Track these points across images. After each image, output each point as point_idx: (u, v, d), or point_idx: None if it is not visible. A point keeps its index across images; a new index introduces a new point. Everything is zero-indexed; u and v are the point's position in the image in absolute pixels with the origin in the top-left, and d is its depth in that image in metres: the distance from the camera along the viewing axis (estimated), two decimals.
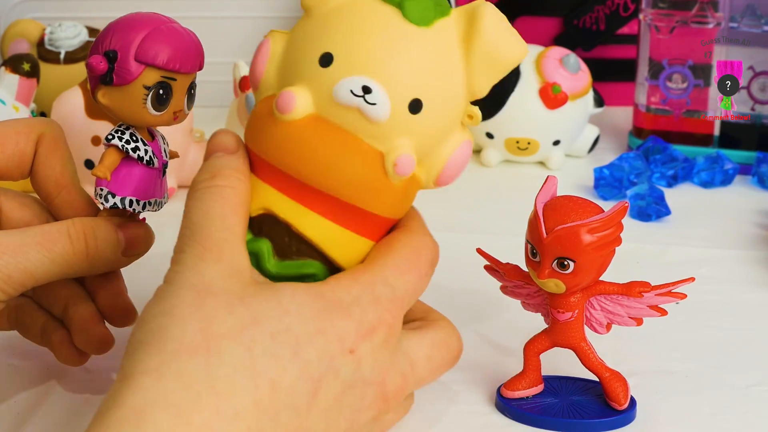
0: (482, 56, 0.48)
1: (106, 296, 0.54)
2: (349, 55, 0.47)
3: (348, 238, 0.48)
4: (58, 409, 0.54)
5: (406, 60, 0.47)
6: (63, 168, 0.54)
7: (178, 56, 0.49)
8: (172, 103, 0.51)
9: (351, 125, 0.47)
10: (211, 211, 0.46)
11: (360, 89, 0.46)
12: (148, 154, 0.52)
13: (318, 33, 0.48)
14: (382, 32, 0.47)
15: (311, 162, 0.47)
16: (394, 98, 0.47)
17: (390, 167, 0.47)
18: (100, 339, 0.53)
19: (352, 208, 0.48)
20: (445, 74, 0.48)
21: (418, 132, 0.48)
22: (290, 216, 0.47)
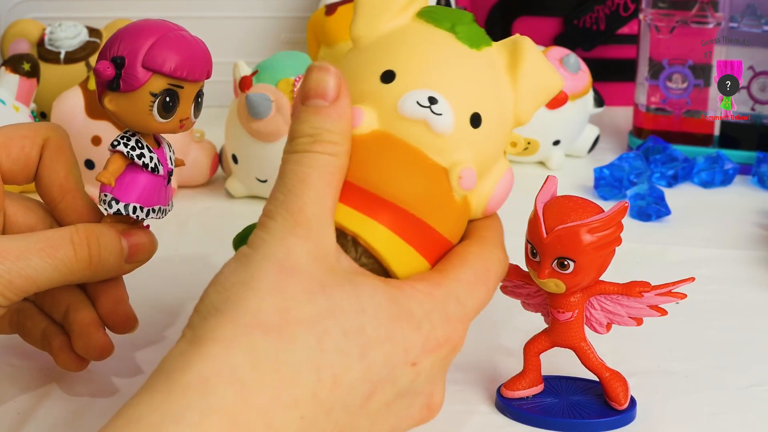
0: (526, 84, 0.49)
1: (107, 303, 0.54)
2: (411, 70, 0.48)
3: (410, 255, 0.47)
4: (58, 410, 0.54)
5: (465, 75, 0.48)
6: (68, 173, 0.54)
7: (185, 64, 0.49)
8: (179, 110, 0.50)
9: (416, 139, 0.47)
10: (307, 179, 0.44)
11: (426, 100, 0.47)
12: (153, 161, 0.52)
13: (374, 55, 0.49)
14: (440, 50, 0.48)
15: (379, 173, 0.47)
16: (457, 110, 0.47)
17: (455, 180, 0.47)
18: (100, 346, 0.53)
19: (417, 221, 0.47)
20: (498, 93, 0.49)
21: (478, 148, 0.48)
22: (358, 228, 0.46)
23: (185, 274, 0.71)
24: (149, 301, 0.65)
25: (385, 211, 0.46)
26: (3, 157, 0.53)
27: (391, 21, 0.49)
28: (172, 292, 0.68)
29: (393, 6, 0.49)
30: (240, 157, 0.81)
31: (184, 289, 0.68)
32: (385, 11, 0.49)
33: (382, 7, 0.50)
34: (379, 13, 0.49)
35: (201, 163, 0.84)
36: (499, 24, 1.06)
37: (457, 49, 0.49)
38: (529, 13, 1.05)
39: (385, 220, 0.46)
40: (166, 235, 0.76)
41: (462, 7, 1.03)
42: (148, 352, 0.60)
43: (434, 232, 0.47)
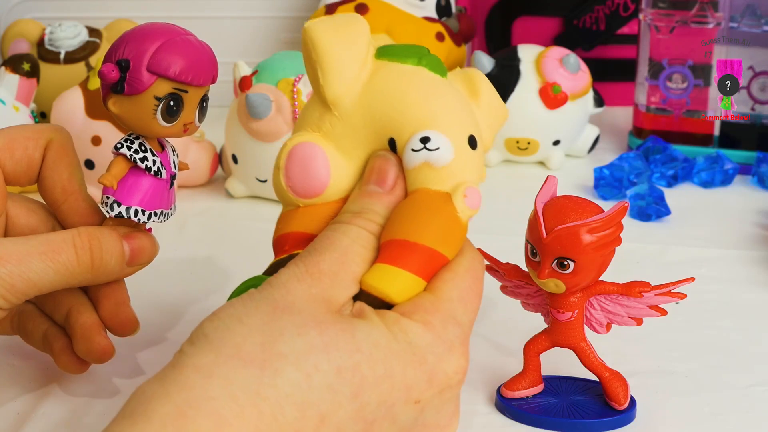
0: (485, 113, 0.50)
1: (108, 306, 0.54)
2: (401, 128, 0.47)
3: (409, 281, 0.46)
4: (58, 410, 0.54)
5: (447, 103, 0.48)
6: (71, 175, 0.54)
7: (190, 68, 0.49)
8: (183, 115, 0.50)
9: (425, 182, 0.47)
10: (336, 243, 0.45)
11: (418, 143, 0.47)
12: (156, 165, 0.51)
13: (371, 126, 0.48)
14: (415, 90, 0.48)
15: (396, 224, 0.46)
16: (453, 138, 0.47)
17: (460, 201, 0.47)
18: (101, 349, 0.53)
19: (421, 248, 0.46)
20: (474, 115, 0.49)
21: (477, 168, 0.48)
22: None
23: (185, 274, 0.71)
24: (149, 301, 0.65)
25: (386, 249, 0.46)
26: (6, 159, 0.53)
27: (360, 72, 0.48)
28: (172, 292, 0.68)
29: (360, 53, 0.48)
30: (240, 157, 0.81)
31: (183, 290, 0.68)
32: (355, 62, 0.48)
33: (348, 60, 0.48)
34: (347, 67, 0.48)
35: (201, 163, 0.84)
36: (499, 24, 1.06)
37: (431, 80, 0.48)
38: (529, 13, 1.05)
39: (384, 258, 0.46)
40: (166, 235, 0.76)
41: (462, 7, 1.03)
42: (148, 352, 0.60)
43: (436, 254, 0.46)
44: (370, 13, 0.93)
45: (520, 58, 0.90)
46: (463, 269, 0.47)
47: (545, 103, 0.88)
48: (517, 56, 0.90)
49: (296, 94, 0.77)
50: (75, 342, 0.53)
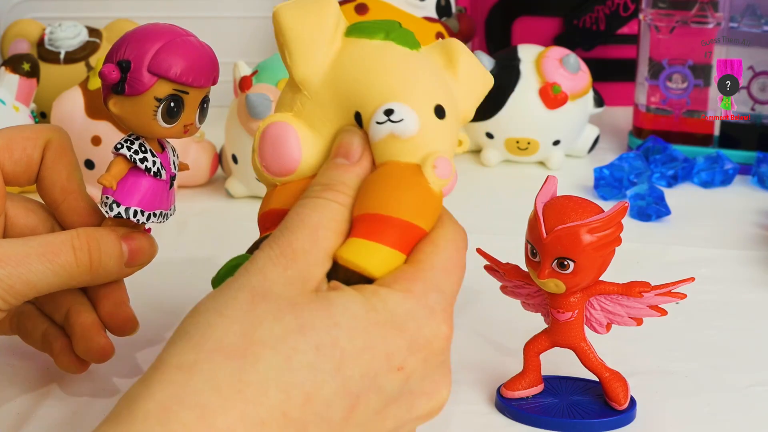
0: (465, 82, 0.49)
1: (107, 305, 0.54)
2: (366, 101, 0.47)
3: (387, 254, 0.46)
4: (58, 410, 0.54)
5: (413, 74, 0.48)
6: (69, 174, 0.54)
7: (191, 70, 0.49)
8: (183, 116, 0.50)
9: (392, 154, 0.47)
10: (306, 219, 0.45)
11: (383, 115, 0.47)
12: (156, 166, 0.51)
13: (337, 101, 0.48)
14: (384, 61, 0.48)
15: (368, 197, 0.46)
16: (419, 108, 0.47)
17: (429, 171, 0.46)
18: (101, 348, 0.53)
19: (397, 222, 0.46)
20: (446, 84, 0.49)
21: (447, 138, 0.48)
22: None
23: (185, 274, 0.71)
24: (149, 302, 0.65)
25: (360, 223, 0.46)
26: (5, 159, 0.53)
27: (327, 51, 0.48)
28: (172, 292, 0.68)
29: (326, 33, 0.49)
30: (240, 157, 0.81)
31: (183, 290, 0.68)
32: (321, 42, 0.48)
33: (313, 40, 0.48)
34: (313, 47, 0.48)
35: (201, 163, 0.84)
36: (499, 24, 1.06)
37: (398, 52, 0.48)
38: (529, 13, 1.05)
39: (359, 232, 0.46)
40: (166, 235, 0.76)
41: (462, 7, 1.03)
42: (148, 353, 0.60)
43: (411, 226, 0.46)
44: (370, 13, 0.93)
45: (520, 58, 0.90)
46: (444, 240, 0.46)
47: (545, 103, 0.88)
48: (517, 56, 0.90)
49: None
50: (74, 342, 0.53)
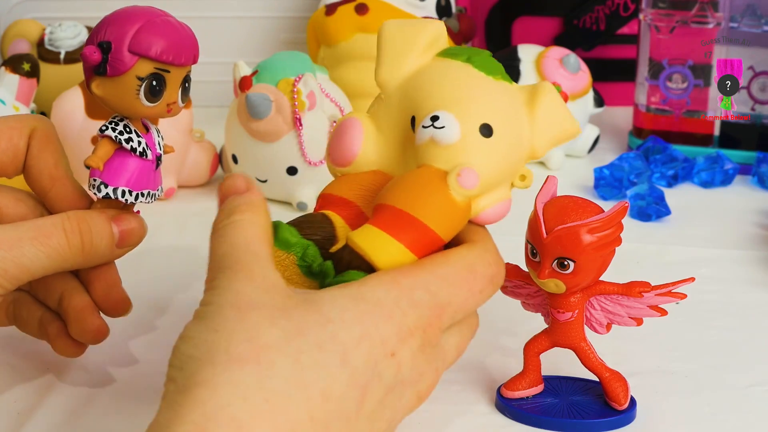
0: (542, 118, 0.51)
1: (100, 287, 0.54)
2: (422, 106, 0.50)
3: (395, 248, 0.47)
4: (57, 410, 0.54)
5: (474, 90, 0.50)
6: (56, 161, 0.54)
7: (171, 48, 0.50)
8: (166, 95, 0.51)
9: (429, 158, 0.49)
10: (234, 241, 0.45)
11: (429, 120, 0.49)
12: (141, 146, 0.52)
13: (400, 104, 0.51)
14: (449, 79, 0.50)
15: (393, 190, 0.48)
16: (464, 121, 0.49)
17: (453, 179, 0.48)
18: (95, 329, 0.54)
19: (408, 217, 0.47)
20: (513, 115, 0.50)
21: (489, 157, 0.49)
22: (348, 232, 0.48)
23: (185, 275, 0.71)
24: (149, 301, 0.65)
25: (379, 213, 0.47)
26: None
27: (412, 63, 0.51)
28: (172, 292, 0.68)
29: (415, 48, 0.51)
30: (240, 157, 0.81)
31: (183, 289, 0.68)
32: (408, 54, 0.51)
33: (404, 50, 0.51)
34: (401, 56, 0.51)
35: (201, 163, 0.84)
36: (499, 24, 1.06)
37: (470, 73, 0.50)
38: (529, 13, 1.05)
39: (376, 221, 0.47)
40: (166, 234, 0.76)
41: (462, 7, 1.03)
42: (150, 353, 0.60)
43: (426, 228, 0.47)
44: (370, 13, 0.93)
45: (520, 58, 0.90)
46: (457, 256, 0.47)
47: None
48: (517, 56, 0.90)
49: (296, 94, 0.77)
50: (69, 324, 0.54)
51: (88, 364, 0.58)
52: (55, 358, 0.57)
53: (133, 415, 0.54)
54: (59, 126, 0.79)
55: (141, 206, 0.54)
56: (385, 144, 0.51)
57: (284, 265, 0.49)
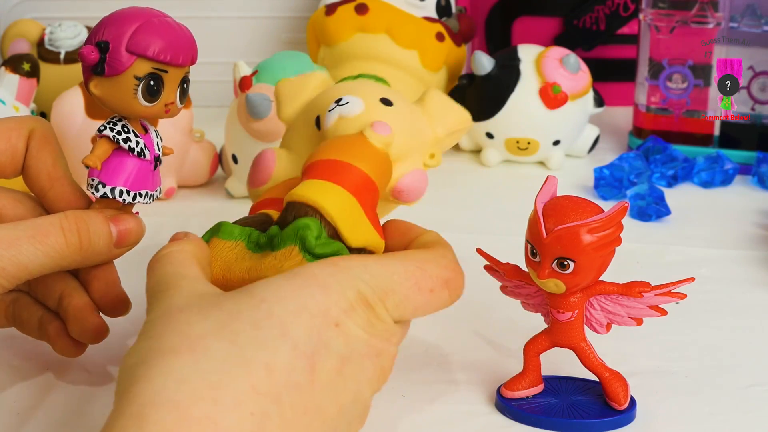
0: (431, 111, 0.58)
1: (99, 287, 0.55)
2: (325, 104, 0.56)
3: (335, 190, 0.51)
4: (57, 410, 0.54)
5: (368, 85, 0.57)
6: (55, 161, 0.54)
7: (169, 48, 0.50)
8: (164, 95, 0.51)
9: (341, 133, 0.54)
10: (163, 271, 0.48)
11: (333, 104, 0.55)
12: (139, 146, 0.52)
13: (302, 121, 0.58)
14: (344, 84, 0.58)
15: (316, 152, 0.54)
16: (366, 97, 0.55)
17: (369, 131, 0.53)
18: (95, 328, 0.54)
19: (339, 163, 0.52)
20: (406, 103, 0.57)
21: (394, 119, 0.55)
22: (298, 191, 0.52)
23: None
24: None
25: (308, 170, 0.52)
26: None
27: (306, 97, 0.59)
28: None
29: (306, 89, 0.59)
30: (240, 157, 0.81)
31: None
32: (299, 94, 0.59)
33: (295, 92, 0.59)
34: (294, 96, 0.59)
35: (201, 163, 0.84)
36: (499, 24, 1.06)
37: (363, 80, 0.59)
38: (529, 13, 1.05)
39: (310, 174, 0.52)
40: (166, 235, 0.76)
41: (462, 7, 1.03)
42: None
43: (356, 169, 0.52)
44: (370, 13, 0.93)
45: (520, 58, 0.90)
46: (407, 254, 0.49)
47: (545, 103, 0.88)
48: (517, 56, 0.90)
49: None
50: (69, 324, 0.54)
51: (87, 363, 0.58)
52: (55, 358, 0.57)
53: None
54: (59, 126, 0.79)
55: (140, 206, 0.54)
56: (297, 157, 0.57)
57: (234, 252, 0.52)
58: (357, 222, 0.51)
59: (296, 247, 0.50)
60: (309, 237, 0.50)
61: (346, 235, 0.51)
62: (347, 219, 0.51)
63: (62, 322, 0.55)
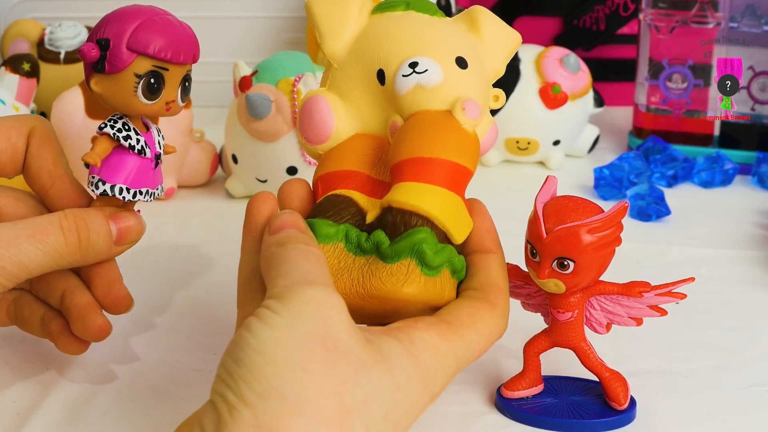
0: (490, 39, 0.54)
1: (101, 285, 0.54)
2: (389, 58, 0.52)
3: (437, 193, 0.49)
4: (57, 410, 0.54)
5: (434, 33, 0.52)
6: (55, 159, 0.54)
7: (170, 46, 0.50)
8: (165, 93, 0.51)
9: (422, 105, 0.51)
10: (300, 267, 0.45)
11: (408, 68, 0.51)
12: (140, 144, 0.52)
13: (359, 65, 0.53)
14: (404, 25, 0.52)
15: (404, 145, 0.50)
16: (441, 60, 0.51)
17: (459, 113, 0.50)
18: (98, 327, 0.54)
19: (439, 161, 0.49)
20: (469, 42, 0.53)
21: (473, 86, 0.51)
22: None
23: (185, 274, 0.71)
24: (149, 300, 0.65)
25: (404, 168, 0.49)
26: None
27: (353, 27, 0.53)
28: (172, 290, 0.68)
29: (350, 15, 0.53)
30: (240, 157, 0.81)
31: (183, 288, 0.68)
32: (345, 22, 0.53)
33: (339, 19, 0.53)
34: (339, 25, 0.53)
35: (201, 163, 0.84)
36: None
37: (418, 18, 0.53)
38: (529, 13, 1.05)
39: (406, 176, 0.49)
40: (166, 235, 0.76)
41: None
42: (151, 357, 0.60)
43: (455, 165, 0.49)
44: None
45: (520, 58, 0.90)
46: (484, 324, 0.49)
47: (545, 103, 0.88)
48: (517, 56, 0.90)
49: (296, 94, 0.77)
50: (72, 323, 0.54)
51: (88, 362, 0.58)
52: (56, 357, 0.57)
53: (134, 414, 0.54)
54: (59, 126, 0.79)
55: (141, 206, 0.54)
56: (354, 108, 0.53)
57: (335, 256, 0.49)
58: (461, 218, 0.50)
59: (413, 261, 0.48)
60: (428, 252, 0.48)
61: (455, 236, 0.50)
62: (454, 220, 0.49)
63: (65, 320, 0.55)
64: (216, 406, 0.41)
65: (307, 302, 0.43)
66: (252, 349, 0.42)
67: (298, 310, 0.43)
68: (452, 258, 0.50)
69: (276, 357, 0.41)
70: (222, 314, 0.64)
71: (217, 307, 0.65)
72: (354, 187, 0.51)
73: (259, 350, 0.42)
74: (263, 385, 0.41)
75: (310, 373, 0.41)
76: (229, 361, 0.42)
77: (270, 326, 0.42)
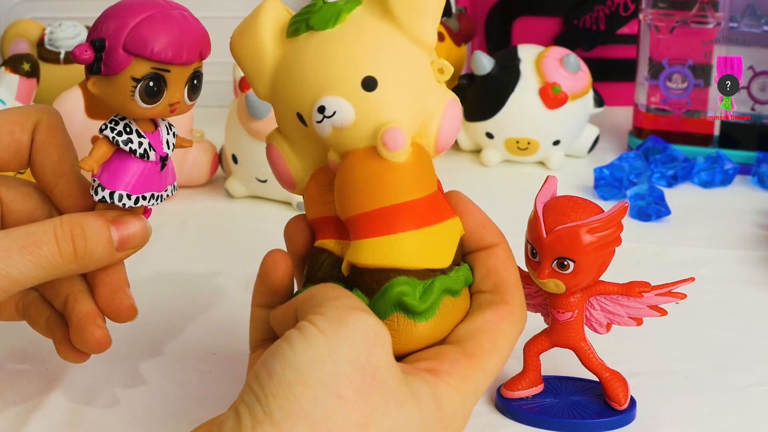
0: (405, 17, 0.47)
1: (104, 293, 0.52)
2: (301, 101, 0.48)
3: (406, 239, 0.47)
4: (58, 410, 0.54)
5: (336, 58, 0.47)
6: (60, 156, 0.51)
7: (171, 46, 0.46)
8: (167, 95, 0.47)
9: (346, 144, 0.47)
10: (351, 296, 0.45)
11: (318, 113, 0.47)
12: (142, 147, 0.49)
13: (285, 108, 0.50)
14: (305, 61, 0.48)
15: (349, 200, 0.47)
16: (347, 92, 0.47)
17: (383, 151, 0.46)
18: (96, 340, 0.51)
19: (386, 210, 0.47)
20: (379, 38, 0.48)
21: (389, 104, 0.47)
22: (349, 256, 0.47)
23: (185, 274, 0.71)
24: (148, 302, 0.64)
25: (357, 225, 0.47)
26: None
27: (269, 64, 0.49)
28: (171, 292, 0.68)
29: (264, 50, 0.50)
30: (240, 157, 0.81)
31: (182, 289, 0.68)
32: (263, 60, 0.50)
33: (259, 58, 0.50)
34: (260, 66, 0.50)
35: (201, 163, 0.84)
36: (499, 24, 1.06)
37: (320, 41, 0.48)
38: (529, 13, 1.05)
39: (364, 233, 0.47)
40: (166, 235, 0.76)
41: (462, 7, 1.03)
42: (148, 352, 0.60)
43: (407, 204, 0.47)
44: None
45: (520, 58, 0.90)
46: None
47: (545, 103, 0.88)
48: (517, 56, 0.90)
49: None
50: (71, 332, 0.52)
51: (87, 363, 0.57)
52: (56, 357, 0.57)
53: (133, 415, 0.54)
54: None
55: None
56: (300, 148, 0.50)
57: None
58: (437, 245, 0.48)
59: (400, 315, 0.47)
60: (410, 303, 0.47)
61: (438, 265, 0.48)
62: (429, 253, 0.47)
63: (67, 329, 0.52)
64: (240, 417, 0.41)
65: (357, 326, 0.42)
66: (289, 365, 0.41)
67: (346, 332, 0.42)
68: (448, 285, 0.48)
69: (312, 379, 0.41)
70: (222, 314, 0.64)
71: (217, 307, 0.65)
72: (328, 236, 0.49)
73: (295, 368, 0.41)
74: (293, 405, 0.40)
75: (344, 400, 0.41)
76: (263, 372, 0.41)
77: (312, 345, 0.41)
